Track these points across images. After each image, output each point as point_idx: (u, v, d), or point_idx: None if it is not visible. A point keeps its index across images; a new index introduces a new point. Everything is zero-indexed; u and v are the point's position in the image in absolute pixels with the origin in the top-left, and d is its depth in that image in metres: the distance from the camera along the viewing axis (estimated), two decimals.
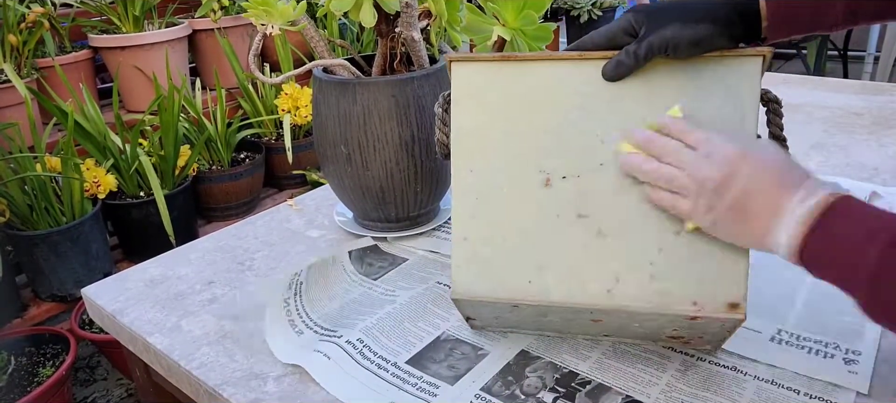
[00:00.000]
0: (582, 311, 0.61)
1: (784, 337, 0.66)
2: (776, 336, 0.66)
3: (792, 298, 0.72)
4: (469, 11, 0.84)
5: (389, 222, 0.89)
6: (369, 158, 0.82)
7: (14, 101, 1.77)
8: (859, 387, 0.59)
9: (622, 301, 0.59)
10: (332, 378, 0.63)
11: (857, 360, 0.62)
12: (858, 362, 0.62)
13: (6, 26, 1.80)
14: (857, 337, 0.65)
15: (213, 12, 2.23)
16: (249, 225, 0.98)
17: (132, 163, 1.81)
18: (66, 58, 1.98)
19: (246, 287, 0.82)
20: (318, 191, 1.09)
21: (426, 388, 0.62)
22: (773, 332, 0.67)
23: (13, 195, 1.58)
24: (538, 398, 0.60)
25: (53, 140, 1.81)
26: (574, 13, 4.33)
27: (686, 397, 0.59)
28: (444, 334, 0.70)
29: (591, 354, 0.66)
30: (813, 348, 0.64)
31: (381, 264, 0.84)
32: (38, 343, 1.63)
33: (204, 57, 2.35)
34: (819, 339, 0.65)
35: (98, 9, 2.11)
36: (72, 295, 1.71)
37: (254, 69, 0.80)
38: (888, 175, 0.99)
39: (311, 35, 0.84)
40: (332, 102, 0.81)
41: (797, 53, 3.30)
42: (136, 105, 2.14)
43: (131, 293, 0.82)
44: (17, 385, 1.51)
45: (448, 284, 0.78)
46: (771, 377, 0.61)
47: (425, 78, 0.81)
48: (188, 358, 0.69)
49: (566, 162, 0.62)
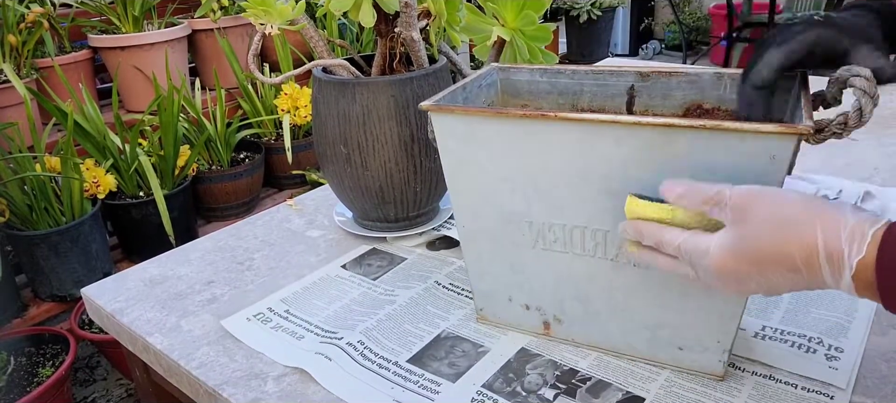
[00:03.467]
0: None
1: (768, 333, 0.66)
2: (760, 333, 0.66)
3: (779, 299, 0.72)
4: (468, 11, 0.84)
5: (389, 222, 0.89)
6: (369, 158, 0.82)
7: (13, 101, 1.77)
8: (839, 383, 0.59)
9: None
10: (334, 378, 0.63)
11: (839, 357, 0.62)
12: (840, 358, 0.62)
13: (6, 26, 1.80)
14: (840, 334, 0.65)
15: (212, 12, 2.24)
16: (249, 225, 0.98)
17: (132, 163, 1.81)
18: (66, 58, 1.98)
19: (245, 287, 0.82)
20: (318, 191, 1.09)
21: (428, 386, 0.62)
22: (758, 329, 0.67)
23: (13, 195, 1.58)
24: (539, 394, 0.61)
25: (53, 140, 1.81)
26: (574, 13, 4.33)
27: (685, 392, 0.60)
28: (445, 332, 0.70)
29: (591, 352, 0.66)
30: (796, 343, 0.64)
31: (380, 264, 0.85)
32: (38, 343, 1.63)
33: (203, 57, 2.35)
34: (802, 333, 0.66)
35: (98, 9, 2.11)
36: (72, 295, 1.71)
37: (253, 69, 0.80)
38: (888, 174, 0.99)
39: (310, 35, 0.84)
40: (331, 102, 0.81)
41: None
42: (135, 105, 2.15)
43: (131, 293, 0.82)
44: (17, 385, 1.51)
45: (447, 285, 0.79)
46: (769, 372, 0.61)
47: (425, 78, 0.81)
48: (188, 358, 0.69)
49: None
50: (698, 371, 0.62)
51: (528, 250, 0.64)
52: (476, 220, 0.65)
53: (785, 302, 0.71)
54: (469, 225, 0.66)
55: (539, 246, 0.63)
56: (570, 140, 0.56)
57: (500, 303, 0.69)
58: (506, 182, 0.61)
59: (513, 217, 0.63)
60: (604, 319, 0.64)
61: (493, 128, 0.59)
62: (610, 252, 0.60)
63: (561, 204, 0.60)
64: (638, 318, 0.62)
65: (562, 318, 0.66)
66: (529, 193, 0.61)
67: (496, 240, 0.65)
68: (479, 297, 0.70)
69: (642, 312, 0.62)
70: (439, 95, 0.65)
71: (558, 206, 0.60)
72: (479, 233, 0.66)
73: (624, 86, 0.71)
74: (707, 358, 0.61)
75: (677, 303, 0.59)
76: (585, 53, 4.45)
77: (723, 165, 0.51)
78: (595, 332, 0.65)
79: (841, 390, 0.58)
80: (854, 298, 0.69)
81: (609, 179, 0.56)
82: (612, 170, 0.56)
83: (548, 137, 0.57)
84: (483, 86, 0.73)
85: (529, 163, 0.59)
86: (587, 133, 0.55)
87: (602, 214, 0.58)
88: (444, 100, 0.64)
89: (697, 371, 0.62)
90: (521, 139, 0.59)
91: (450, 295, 0.76)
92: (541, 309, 0.67)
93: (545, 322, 0.67)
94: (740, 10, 3.89)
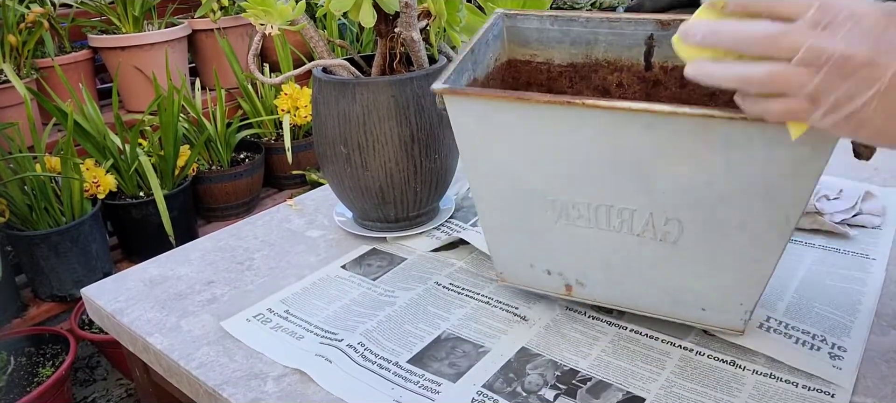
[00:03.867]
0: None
1: (772, 325, 0.66)
2: (764, 324, 0.66)
3: (784, 290, 0.72)
4: (468, 11, 0.84)
5: (389, 222, 0.89)
6: (369, 158, 0.82)
7: (13, 101, 1.77)
8: (842, 383, 0.59)
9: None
10: (334, 379, 0.63)
11: (842, 356, 0.62)
12: (843, 357, 0.62)
13: (6, 26, 1.80)
14: (844, 333, 0.65)
15: (212, 12, 2.24)
16: (249, 225, 0.98)
17: (132, 163, 1.81)
18: (66, 58, 1.98)
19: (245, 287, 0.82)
20: (318, 190, 1.09)
21: (428, 386, 0.62)
22: (762, 319, 0.67)
23: (13, 195, 1.58)
24: (540, 395, 0.60)
25: (53, 140, 1.81)
26: None
27: (686, 392, 0.60)
28: (445, 333, 0.70)
29: (591, 352, 0.66)
30: (800, 338, 0.64)
31: (380, 264, 0.84)
32: (38, 343, 1.63)
33: (203, 57, 2.35)
34: (807, 329, 0.66)
35: (98, 9, 2.11)
36: (71, 295, 1.71)
37: (253, 69, 0.80)
38: (888, 175, 0.99)
39: (310, 35, 0.84)
40: (331, 102, 0.81)
41: None
42: (135, 105, 2.15)
43: (131, 293, 0.82)
44: (17, 385, 1.51)
45: (447, 285, 0.79)
46: (769, 371, 0.61)
47: (425, 78, 0.81)
48: (188, 358, 0.69)
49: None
50: (720, 328, 0.62)
51: (552, 224, 0.62)
52: (495, 197, 0.63)
53: (788, 295, 0.71)
54: (488, 200, 0.64)
55: (562, 222, 0.61)
56: (598, 124, 0.53)
57: (521, 269, 0.68)
58: (527, 163, 0.59)
59: (534, 196, 0.61)
60: (628, 285, 0.64)
61: (514, 112, 0.56)
62: (636, 228, 0.58)
63: (586, 185, 0.58)
64: (662, 285, 0.62)
65: (584, 282, 0.66)
66: (552, 174, 0.58)
67: (516, 216, 0.63)
68: (498, 262, 0.69)
69: (667, 280, 0.61)
70: (450, 69, 0.61)
71: (584, 186, 0.58)
72: (498, 209, 0.64)
73: (642, 35, 0.66)
74: (729, 317, 0.61)
75: (703, 273, 0.58)
76: None
77: (760, 155, 0.50)
78: (618, 295, 0.65)
79: (842, 388, 0.58)
80: (855, 299, 0.70)
81: (639, 164, 0.54)
82: (642, 155, 0.53)
83: (573, 123, 0.54)
84: (490, 40, 0.68)
85: (553, 146, 0.56)
86: (616, 118, 0.52)
87: (630, 194, 0.56)
88: (456, 72, 0.61)
89: (719, 328, 0.62)
90: (544, 123, 0.55)
91: (450, 295, 0.76)
92: (563, 274, 0.66)
93: (567, 285, 0.67)
94: None
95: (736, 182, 0.52)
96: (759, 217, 0.53)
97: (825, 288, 0.72)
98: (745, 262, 0.57)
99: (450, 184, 0.91)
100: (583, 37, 0.69)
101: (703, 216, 0.55)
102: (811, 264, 0.78)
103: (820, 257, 0.79)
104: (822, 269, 0.76)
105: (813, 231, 0.85)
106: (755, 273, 0.57)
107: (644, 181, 0.55)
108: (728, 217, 0.54)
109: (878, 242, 0.82)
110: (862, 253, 0.79)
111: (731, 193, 0.53)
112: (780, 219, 0.53)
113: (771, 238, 0.54)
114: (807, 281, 0.74)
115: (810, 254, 0.80)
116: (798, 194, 0.51)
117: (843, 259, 0.79)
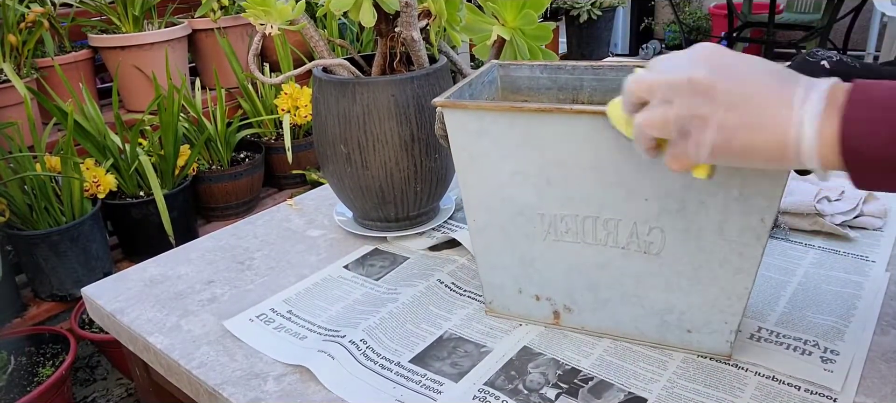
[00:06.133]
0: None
1: (763, 335, 0.66)
2: (755, 335, 0.66)
3: (775, 301, 0.71)
4: (468, 11, 0.84)
5: (389, 222, 0.89)
6: (369, 158, 0.82)
7: (14, 101, 1.77)
8: (833, 385, 0.59)
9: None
10: (336, 377, 0.63)
11: (834, 360, 0.62)
12: (835, 361, 0.62)
13: (6, 26, 1.80)
14: (836, 337, 0.65)
15: (212, 12, 2.24)
16: (249, 224, 0.98)
17: (132, 162, 1.81)
18: (66, 57, 1.98)
19: (245, 287, 0.82)
20: (318, 190, 1.09)
21: (430, 385, 0.62)
22: (753, 330, 0.67)
23: (13, 195, 1.58)
24: (541, 393, 0.60)
25: (53, 140, 1.81)
26: (574, 13, 4.33)
27: (688, 393, 0.59)
28: (447, 333, 0.70)
29: (593, 351, 0.66)
30: (791, 345, 0.64)
31: (382, 264, 0.84)
32: (38, 343, 1.63)
33: (204, 57, 2.35)
34: (798, 336, 0.65)
35: (98, 9, 2.11)
36: (72, 295, 1.71)
37: (253, 69, 0.80)
38: None
39: (310, 35, 0.84)
40: (331, 102, 0.81)
41: (797, 53, 3.31)
42: (135, 105, 2.14)
43: (131, 292, 0.82)
44: (17, 385, 1.51)
45: (449, 284, 0.79)
46: (772, 373, 0.61)
47: (425, 78, 0.81)
48: (188, 358, 0.69)
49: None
50: (707, 353, 0.64)
51: (539, 241, 0.65)
52: (487, 214, 0.66)
53: (781, 304, 0.71)
54: (480, 219, 0.67)
55: (550, 238, 0.64)
56: (584, 132, 0.58)
57: (509, 295, 0.70)
58: (518, 175, 0.62)
59: (524, 209, 0.64)
60: (614, 306, 0.65)
61: (507, 122, 0.60)
62: (621, 240, 0.61)
63: (573, 195, 0.61)
64: (648, 304, 0.64)
65: (572, 307, 0.67)
66: (542, 185, 0.62)
67: (507, 233, 0.66)
68: (488, 290, 0.71)
69: (652, 297, 0.63)
70: (450, 91, 0.65)
71: (571, 197, 0.61)
72: (489, 227, 0.67)
73: (624, 80, 0.71)
74: (715, 340, 0.63)
75: (686, 286, 0.61)
76: (585, 53, 4.45)
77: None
78: (605, 319, 0.67)
79: (843, 392, 0.58)
80: (850, 303, 0.70)
81: (621, 170, 0.58)
82: (624, 160, 0.57)
83: (562, 130, 0.58)
84: (485, 83, 0.73)
85: (542, 155, 0.60)
86: (601, 125, 0.56)
87: (614, 203, 0.60)
88: (454, 97, 0.65)
89: (706, 352, 0.64)
90: (535, 132, 0.60)
91: (452, 295, 0.76)
92: (551, 300, 0.68)
93: (555, 311, 0.68)
94: (740, 10, 3.89)
95: (713, 183, 0.56)
96: (735, 220, 0.57)
97: (820, 293, 0.72)
98: (726, 272, 0.59)
99: (450, 184, 0.91)
100: (570, 83, 0.75)
101: (684, 224, 0.59)
102: (809, 267, 0.77)
103: (818, 259, 0.79)
104: (820, 273, 0.76)
105: (813, 232, 0.85)
106: (737, 284, 0.59)
107: (627, 188, 0.59)
108: (706, 223, 0.58)
109: (879, 244, 0.82)
110: (861, 256, 0.79)
111: (708, 196, 0.57)
112: (756, 223, 0.56)
113: (748, 241, 0.57)
114: (802, 285, 0.74)
115: (809, 256, 0.80)
116: (771, 194, 0.54)
117: (842, 261, 0.78)
